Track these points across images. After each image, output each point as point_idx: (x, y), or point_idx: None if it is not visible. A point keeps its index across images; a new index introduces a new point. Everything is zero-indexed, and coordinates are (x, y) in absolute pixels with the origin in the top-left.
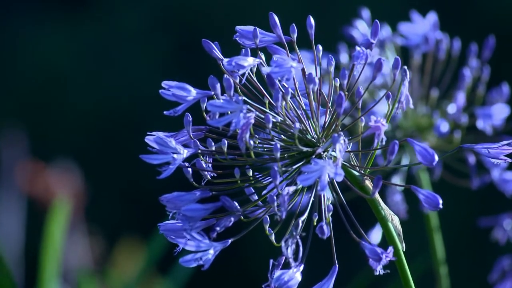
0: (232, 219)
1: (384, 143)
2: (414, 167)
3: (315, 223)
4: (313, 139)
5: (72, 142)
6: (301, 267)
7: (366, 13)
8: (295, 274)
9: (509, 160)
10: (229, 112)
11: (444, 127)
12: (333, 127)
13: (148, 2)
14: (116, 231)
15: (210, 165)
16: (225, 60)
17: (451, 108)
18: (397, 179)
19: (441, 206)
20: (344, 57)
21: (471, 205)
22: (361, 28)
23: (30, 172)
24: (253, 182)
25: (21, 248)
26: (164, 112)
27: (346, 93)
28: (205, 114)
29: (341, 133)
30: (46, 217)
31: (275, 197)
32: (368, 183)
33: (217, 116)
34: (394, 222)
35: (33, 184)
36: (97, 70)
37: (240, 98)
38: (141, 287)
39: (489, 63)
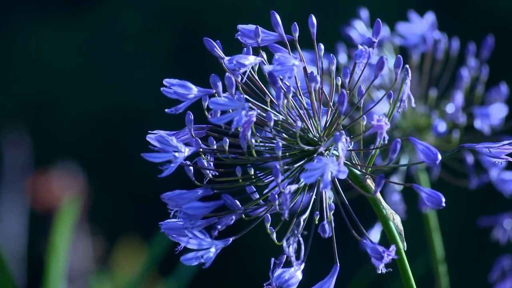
0: (234, 217)
1: (386, 142)
2: (413, 167)
3: (316, 222)
4: (314, 138)
5: (73, 142)
6: (302, 266)
7: (364, 13)
8: (296, 272)
9: (510, 159)
10: (231, 110)
11: (442, 127)
12: (335, 125)
13: (148, 2)
14: (117, 231)
15: (211, 163)
16: (226, 58)
17: (450, 108)
18: (396, 179)
19: (444, 204)
20: (342, 57)
21: (470, 204)
22: (359, 28)
23: (32, 173)
24: (254, 180)
25: (23, 249)
26: (166, 110)
27: (348, 91)
28: (206, 112)
29: (343, 131)
30: (54, 217)
31: (276, 196)
32: (370, 182)
33: (218, 114)
34: (396, 221)
35: (35, 185)
36: (97, 70)
37: (241, 96)
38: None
39: (488, 63)
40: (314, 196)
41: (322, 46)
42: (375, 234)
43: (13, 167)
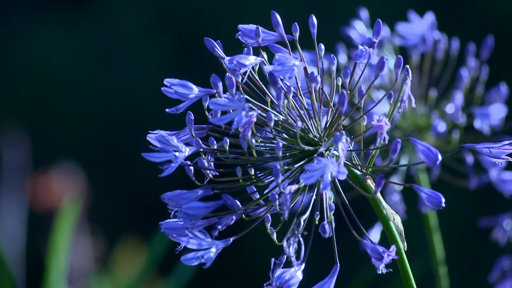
0: (234, 217)
1: (386, 142)
2: (413, 167)
3: (317, 222)
4: (315, 138)
5: (72, 142)
6: (303, 266)
7: (364, 13)
8: (297, 273)
9: (510, 159)
10: (231, 111)
11: (442, 127)
12: (335, 126)
13: (148, 2)
14: (118, 231)
15: (212, 163)
16: (227, 58)
17: (450, 108)
18: (396, 179)
19: (443, 204)
20: (342, 58)
21: (470, 205)
22: (359, 28)
23: (31, 173)
24: (255, 180)
25: (23, 249)
26: (166, 110)
27: (348, 92)
28: (207, 113)
29: (343, 132)
30: (54, 218)
31: (276, 196)
32: (370, 182)
33: (219, 115)
34: (396, 221)
35: (34, 185)
36: (97, 70)
37: (242, 96)
38: (143, 287)
39: (488, 63)
40: (314, 197)
41: (322, 46)
42: (375, 234)
43: (13, 167)
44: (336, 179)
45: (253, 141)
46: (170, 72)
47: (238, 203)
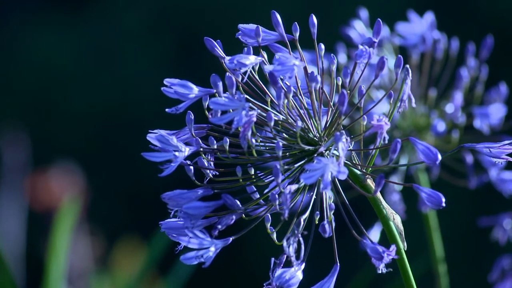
0: (234, 217)
1: (386, 142)
2: (413, 166)
3: (317, 222)
4: (315, 138)
5: (72, 142)
6: (303, 266)
7: (364, 13)
8: (297, 272)
9: (510, 159)
10: (231, 110)
11: (441, 126)
12: (335, 125)
13: (148, 2)
14: (117, 231)
15: (212, 163)
16: (227, 58)
17: (449, 108)
18: (396, 179)
19: (444, 204)
20: (342, 58)
21: (470, 204)
22: (359, 28)
23: (31, 173)
24: (255, 180)
25: (22, 249)
26: (166, 110)
27: (348, 91)
28: (207, 112)
29: (343, 131)
30: (54, 217)
31: (276, 196)
32: (370, 181)
33: (219, 114)
34: (396, 221)
35: (34, 184)
36: (97, 70)
37: (242, 96)
38: (142, 287)
39: (487, 63)
40: (314, 196)
41: (322, 46)
42: (375, 234)
43: (12, 166)
44: (336, 179)
45: (253, 140)
46: (170, 72)
47: (238, 202)
